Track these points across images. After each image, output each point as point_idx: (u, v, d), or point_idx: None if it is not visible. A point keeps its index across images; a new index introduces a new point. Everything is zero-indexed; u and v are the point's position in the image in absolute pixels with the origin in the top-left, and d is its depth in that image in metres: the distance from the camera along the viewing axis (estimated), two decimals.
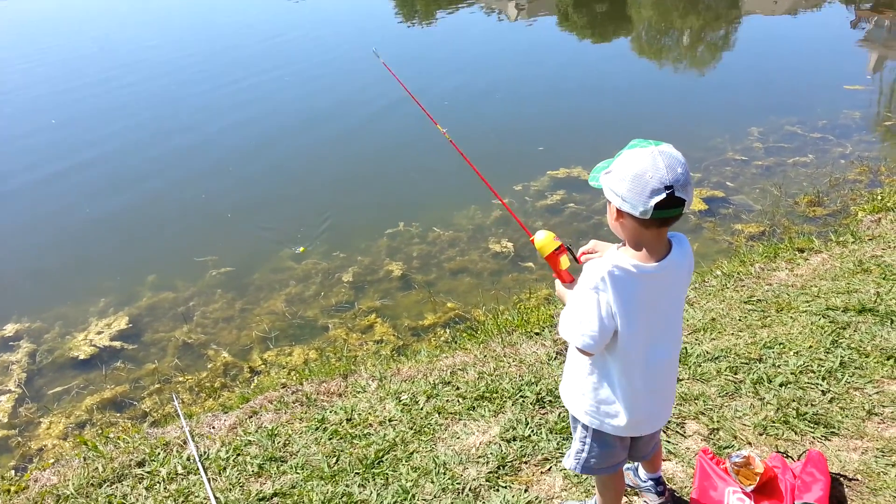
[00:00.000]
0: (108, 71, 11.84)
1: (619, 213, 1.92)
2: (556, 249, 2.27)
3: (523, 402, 3.39)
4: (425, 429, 3.30)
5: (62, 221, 6.99)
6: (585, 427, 2.25)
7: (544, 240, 2.30)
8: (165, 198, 7.37)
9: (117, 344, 5.15)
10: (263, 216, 6.91)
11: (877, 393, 3.22)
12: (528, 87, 10.21)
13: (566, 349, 2.32)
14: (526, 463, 3.00)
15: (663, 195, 1.80)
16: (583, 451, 2.29)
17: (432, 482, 2.94)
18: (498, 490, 2.86)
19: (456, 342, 4.44)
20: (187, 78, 11.29)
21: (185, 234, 6.66)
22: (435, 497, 2.87)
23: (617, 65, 11.55)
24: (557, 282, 2.28)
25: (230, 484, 3.08)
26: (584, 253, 2.25)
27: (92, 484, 3.20)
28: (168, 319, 5.43)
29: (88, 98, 10.53)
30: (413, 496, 2.88)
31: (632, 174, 1.83)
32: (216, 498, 2.98)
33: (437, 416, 3.39)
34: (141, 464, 3.31)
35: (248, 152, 8.39)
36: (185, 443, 3.42)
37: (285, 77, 11.17)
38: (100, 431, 4.04)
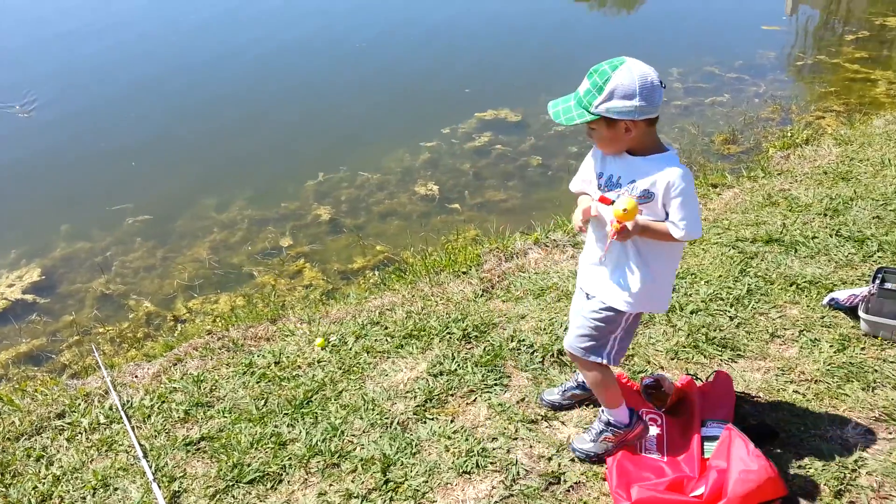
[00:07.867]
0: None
1: (632, 124, 2.13)
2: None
3: (450, 338, 3.46)
4: (354, 368, 3.33)
5: None
6: (626, 320, 2.43)
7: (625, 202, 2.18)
8: (61, 147, 6.94)
9: (30, 297, 4.94)
10: (174, 163, 6.66)
11: (780, 317, 3.43)
12: (454, 29, 10.02)
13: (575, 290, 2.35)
14: (452, 395, 3.08)
15: (663, 88, 2.15)
16: (613, 346, 2.47)
17: (361, 418, 2.99)
18: (425, 422, 2.94)
19: (385, 284, 4.45)
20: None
21: (93, 183, 6.35)
22: (364, 432, 2.92)
23: (541, 5, 11.46)
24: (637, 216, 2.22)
25: (155, 431, 3.05)
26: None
27: (8, 438, 3.11)
28: (85, 270, 5.23)
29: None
30: (342, 432, 2.92)
31: (640, 85, 2.09)
32: (141, 445, 2.95)
33: (365, 355, 3.42)
34: (61, 415, 3.23)
35: (155, 92, 7.98)
36: (106, 393, 3.35)
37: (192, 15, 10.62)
38: (16, 386, 3.89)
